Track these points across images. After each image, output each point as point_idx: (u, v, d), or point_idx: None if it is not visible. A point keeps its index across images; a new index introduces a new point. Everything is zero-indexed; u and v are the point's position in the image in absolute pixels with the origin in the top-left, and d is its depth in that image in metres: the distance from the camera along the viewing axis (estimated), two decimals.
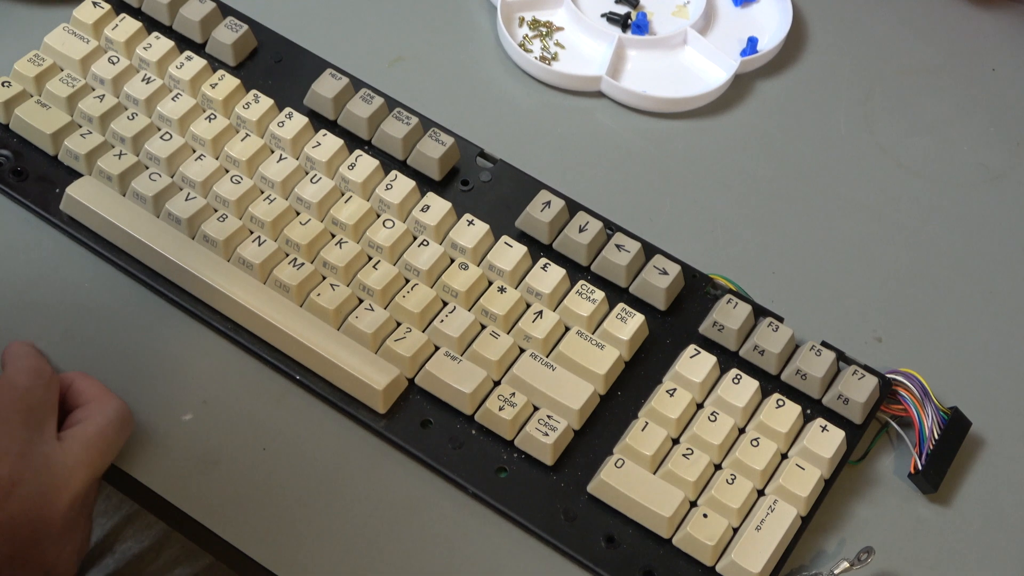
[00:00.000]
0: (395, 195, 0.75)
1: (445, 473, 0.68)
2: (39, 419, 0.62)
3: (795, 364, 0.71)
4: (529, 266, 0.74)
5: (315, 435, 0.69)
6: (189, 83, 0.77)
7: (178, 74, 0.78)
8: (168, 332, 0.72)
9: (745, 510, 0.67)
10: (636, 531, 0.67)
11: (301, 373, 0.70)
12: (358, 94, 0.78)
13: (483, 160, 0.78)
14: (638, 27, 0.87)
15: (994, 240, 0.81)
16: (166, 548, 0.87)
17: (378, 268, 0.72)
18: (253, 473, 0.68)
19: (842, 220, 0.81)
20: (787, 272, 0.79)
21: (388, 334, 0.70)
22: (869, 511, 0.70)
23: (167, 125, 0.76)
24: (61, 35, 0.78)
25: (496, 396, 0.69)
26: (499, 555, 0.67)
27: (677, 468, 0.67)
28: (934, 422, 0.71)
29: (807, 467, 0.68)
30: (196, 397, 0.70)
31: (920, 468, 0.70)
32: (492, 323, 0.71)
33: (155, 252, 0.71)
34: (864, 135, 0.85)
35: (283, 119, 0.77)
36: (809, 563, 0.68)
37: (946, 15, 0.92)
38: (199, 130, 0.76)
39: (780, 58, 0.88)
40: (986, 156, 0.85)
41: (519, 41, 0.86)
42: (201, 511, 0.67)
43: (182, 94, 0.77)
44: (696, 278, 0.75)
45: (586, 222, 0.74)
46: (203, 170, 0.74)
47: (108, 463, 0.65)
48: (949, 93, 0.88)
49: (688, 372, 0.71)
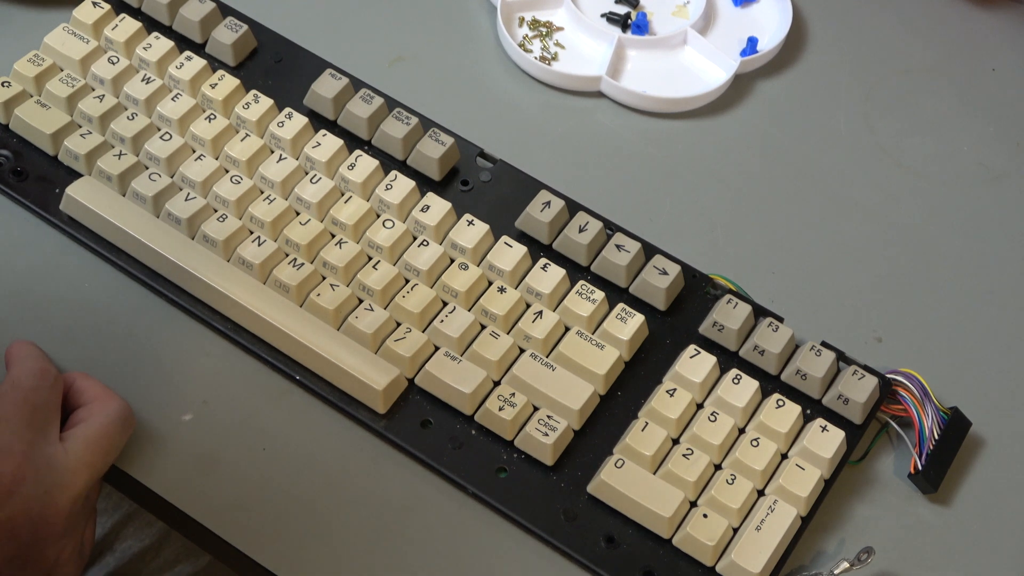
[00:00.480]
0: (395, 195, 0.75)
1: (445, 473, 0.68)
2: (43, 419, 0.63)
3: (795, 364, 0.71)
4: (529, 266, 0.74)
5: (315, 435, 0.69)
6: (189, 83, 0.77)
7: (178, 74, 0.78)
8: (168, 332, 0.72)
9: (745, 510, 0.67)
10: (636, 531, 0.67)
11: (301, 373, 0.70)
12: (358, 94, 0.78)
13: (483, 160, 0.78)
14: (638, 27, 0.87)
15: (994, 240, 0.81)
16: (166, 546, 0.87)
17: (378, 268, 0.72)
18: (253, 473, 0.68)
19: (842, 220, 0.81)
20: (787, 272, 0.79)
21: (388, 334, 0.70)
22: (869, 511, 0.70)
23: (167, 125, 0.76)
24: (61, 35, 0.78)
25: (496, 396, 0.69)
26: (499, 555, 0.67)
27: (677, 468, 0.67)
28: (934, 422, 0.71)
29: (807, 467, 0.68)
30: (196, 397, 0.70)
31: (920, 468, 0.70)
32: (492, 323, 0.71)
33: (155, 252, 0.71)
34: (864, 135, 0.85)
35: (283, 119, 0.77)
36: (809, 563, 0.68)
37: (946, 15, 0.92)
38: (199, 130, 0.76)
39: (780, 58, 0.88)
40: (986, 156, 0.85)
41: (519, 41, 0.86)
42: (201, 511, 0.67)
43: (182, 94, 0.77)
44: (696, 278, 0.75)
45: (586, 222, 0.74)
46: (203, 170, 0.74)
47: (110, 463, 0.65)
48: (949, 93, 0.88)
49: (688, 372, 0.71)
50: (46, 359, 0.66)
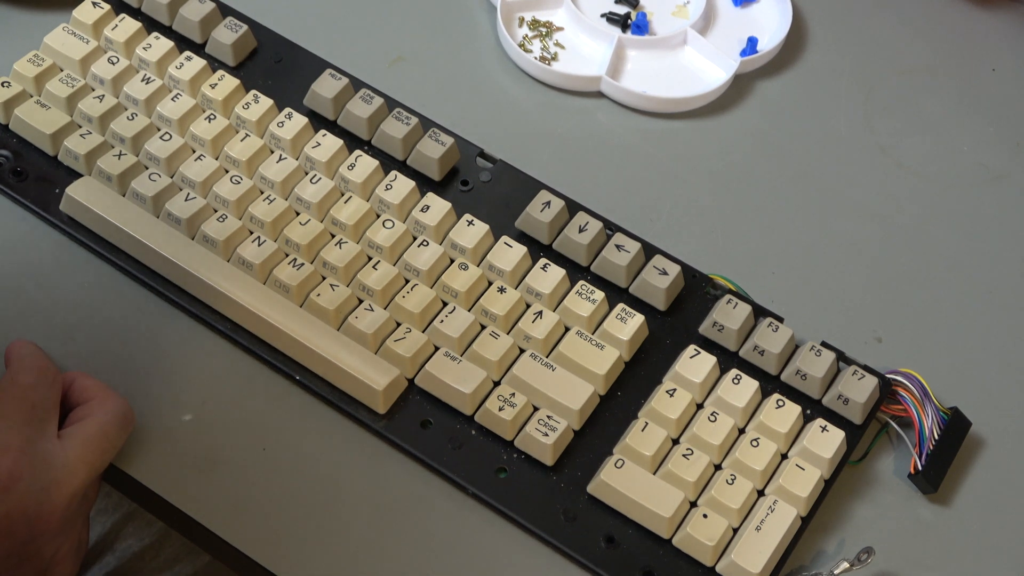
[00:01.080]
0: (395, 195, 0.75)
1: (445, 473, 0.68)
2: (41, 417, 0.63)
3: (795, 364, 0.71)
4: (529, 266, 0.74)
5: (315, 435, 0.69)
6: (189, 83, 0.77)
7: (178, 74, 0.78)
8: (168, 332, 0.72)
9: (745, 510, 0.67)
10: (636, 531, 0.67)
11: (301, 373, 0.70)
12: (358, 94, 0.78)
13: (483, 160, 0.78)
14: (638, 27, 0.87)
15: (994, 240, 0.81)
16: (166, 546, 0.87)
17: (378, 268, 0.72)
18: (253, 473, 0.68)
19: (842, 220, 0.81)
20: (787, 272, 0.79)
21: (388, 334, 0.70)
22: (869, 511, 0.70)
23: (167, 125, 0.76)
24: (61, 35, 0.78)
25: (496, 396, 0.69)
26: (499, 555, 0.67)
27: (677, 468, 0.67)
28: (934, 422, 0.71)
29: (807, 467, 0.68)
30: (196, 397, 0.70)
31: (920, 469, 0.70)
32: (492, 323, 0.71)
33: (155, 252, 0.71)
34: (864, 135, 0.85)
35: (283, 119, 0.77)
36: (809, 563, 0.68)
37: (946, 15, 0.92)
38: (199, 130, 0.76)
39: (780, 58, 0.88)
40: (986, 156, 0.85)
41: (519, 41, 0.86)
42: (201, 511, 0.67)
43: (182, 94, 0.77)
44: (696, 278, 0.75)
45: (586, 222, 0.74)
46: (203, 170, 0.74)
47: (108, 461, 0.65)
48: (949, 93, 0.88)
49: (688, 372, 0.71)
50: (45, 358, 0.66)
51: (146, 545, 0.87)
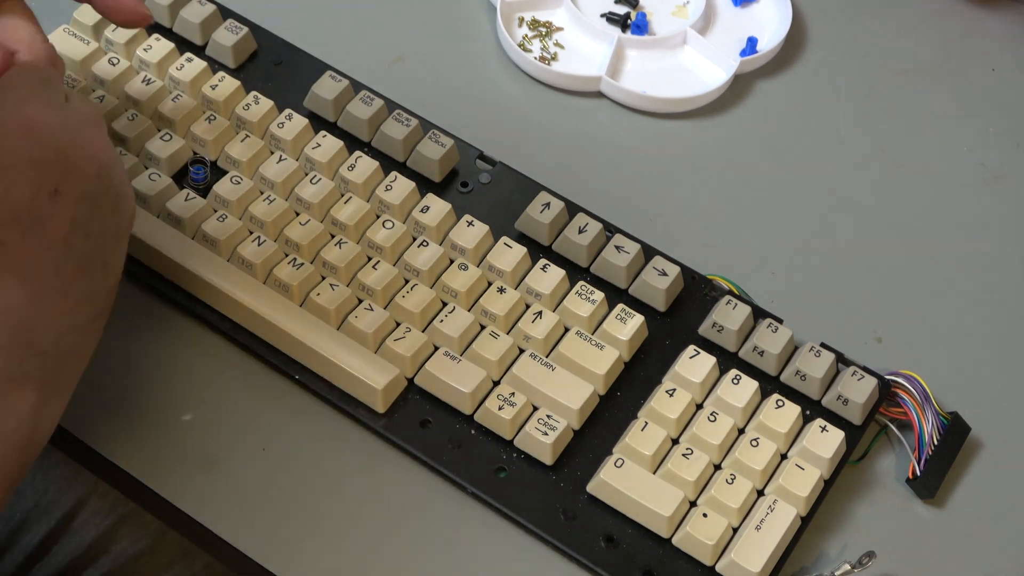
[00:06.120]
0: (395, 196, 0.75)
1: (444, 473, 0.68)
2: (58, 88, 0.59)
3: (794, 365, 0.71)
4: (529, 267, 0.74)
5: (315, 435, 0.69)
6: (189, 84, 0.77)
7: (178, 75, 0.78)
8: (168, 332, 0.72)
9: (745, 510, 0.67)
10: (636, 531, 0.67)
11: (301, 373, 0.70)
12: (358, 96, 0.78)
13: (482, 162, 0.78)
14: (638, 27, 0.87)
15: (994, 240, 0.81)
16: (162, 549, 0.87)
17: (378, 268, 0.72)
18: (253, 473, 0.68)
19: (842, 220, 0.81)
20: (787, 272, 0.79)
21: (388, 334, 0.70)
22: (869, 511, 0.70)
23: (167, 126, 0.76)
24: (61, 36, 0.79)
25: (496, 396, 0.69)
26: (499, 555, 0.67)
27: (677, 468, 0.67)
28: (934, 427, 0.70)
29: (807, 467, 0.68)
30: (196, 397, 0.70)
31: (919, 474, 0.70)
32: (492, 323, 0.71)
33: (155, 252, 0.72)
34: (864, 135, 0.85)
35: (283, 120, 0.77)
36: (809, 564, 0.68)
37: (946, 15, 0.92)
38: (199, 131, 0.76)
39: (780, 58, 0.88)
40: (986, 156, 0.85)
41: (519, 41, 0.86)
42: (200, 511, 0.67)
43: (182, 95, 0.77)
44: (695, 279, 0.75)
45: (585, 223, 0.74)
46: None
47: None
48: (949, 93, 0.88)
49: (688, 372, 0.71)
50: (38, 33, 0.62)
51: (141, 548, 0.87)
